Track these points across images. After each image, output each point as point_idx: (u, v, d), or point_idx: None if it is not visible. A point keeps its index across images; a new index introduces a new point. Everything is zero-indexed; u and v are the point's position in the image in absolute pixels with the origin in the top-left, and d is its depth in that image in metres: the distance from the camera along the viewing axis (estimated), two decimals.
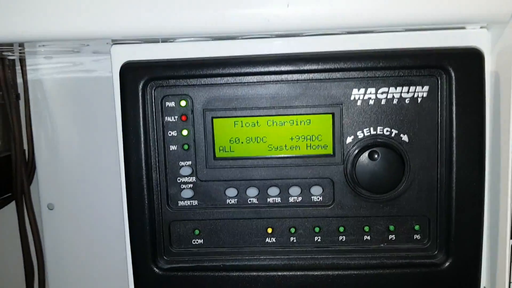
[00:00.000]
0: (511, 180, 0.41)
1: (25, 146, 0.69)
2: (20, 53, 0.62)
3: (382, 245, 0.44)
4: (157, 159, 0.43)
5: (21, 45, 0.52)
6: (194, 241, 0.45)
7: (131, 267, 0.45)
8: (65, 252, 0.71)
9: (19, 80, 0.67)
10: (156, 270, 0.44)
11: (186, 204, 0.44)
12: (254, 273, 0.44)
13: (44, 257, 0.70)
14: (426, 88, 0.41)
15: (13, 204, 0.69)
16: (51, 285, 0.71)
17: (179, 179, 0.44)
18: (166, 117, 0.43)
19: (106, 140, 0.68)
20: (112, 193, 0.68)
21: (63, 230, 0.71)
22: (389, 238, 0.44)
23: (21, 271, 0.70)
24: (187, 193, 0.44)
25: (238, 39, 0.44)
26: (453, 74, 0.40)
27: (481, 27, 0.42)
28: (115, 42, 0.45)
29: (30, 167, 0.70)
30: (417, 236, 0.44)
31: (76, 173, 0.69)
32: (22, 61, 0.67)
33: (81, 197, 0.70)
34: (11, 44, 0.51)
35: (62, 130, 0.69)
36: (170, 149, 0.43)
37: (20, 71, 0.66)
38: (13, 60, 0.66)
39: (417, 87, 0.41)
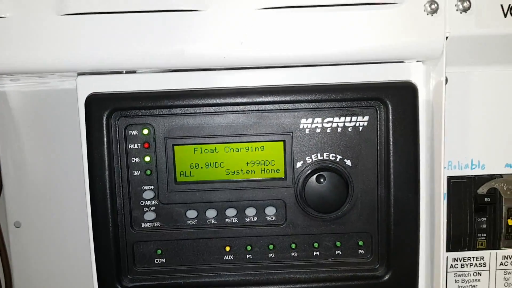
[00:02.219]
0: (443, 198, 0.45)
1: None
2: None
3: (330, 260, 0.47)
4: (121, 184, 0.46)
5: None
6: (156, 260, 0.47)
7: (97, 285, 0.47)
8: (32, 268, 0.71)
9: None
10: None
11: (148, 226, 0.47)
12: None
13: (12, 274, 0.71)
14: (366, 118, 0.45)
15: None
16: None
17: (142, 203, 0.46)
18: (129, 145, 0.46)
19: (73, 158, 0.69)
20: (79, 211, 0.69)
21: (29, 248, 0.71)
22: (336, 253, 0.47)
23: None
24: (149, 215, 0.47)
25: (196, 71, 0.47)
26: (389, 106, 0.44)
27: (417, 61, 0.47)
28: (80, 73, 0.47)
29: None
30: (361, 251, 0.47)
31: (43, 191, 0.70)
32: None
33: (48, 215, 0.70)
34: None
35: (28, 148, 0.70)
36: (134, 175, 0.46)
37: None
38: None
39: (359, 117, 0.45)
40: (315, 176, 0.45)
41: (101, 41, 0.43)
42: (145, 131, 0.46)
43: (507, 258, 0.50)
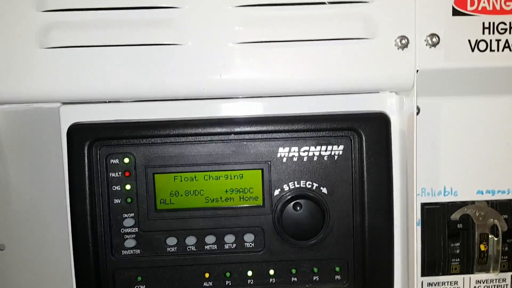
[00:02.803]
0: (416, 224, 0.47)
1: None
2: None
3: (308, 285, 0.48)
4: (102, 211, 0.47)
5: None
6: (137, 287, 0.48)
7: None
8: None
9: None
10: None
11: (129, 253, 0.47)
12: None
13: None
14: (341, 147, 0.47)
15: None
16: None
17: (122, 230, 0.47)
18: (110, 173, 0.47)
19: (56, 181, 0.69)
20: (62, 235, 0.69)
21: (13, 271, 0.71)
22: (314, 279, 0.48)
23: None
24: (130, 242, 0.47)
25: (177, 100, 0.48)
26: (363, 136, 0.46)
27: (390, 92, 0.48)
28: (64, 102, 0.48)
29: None
30: (338, 277, 0.48)
31: (27, 214, 0.70)
32: None
33: (31, 239, 0.70)
34: None
35: (12, 170, 0.70)
36: (114, 202, 0.47)
37: None
38: None
39: (334, 146, 0.47)
40: (292, 203, 0.46)
41: (83, 73, 0.44)
42: (126, 160, 0.47)
43: (480, 283, 0.51)
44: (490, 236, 0.50)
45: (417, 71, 0.45)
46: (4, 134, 0.68)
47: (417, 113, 0.48)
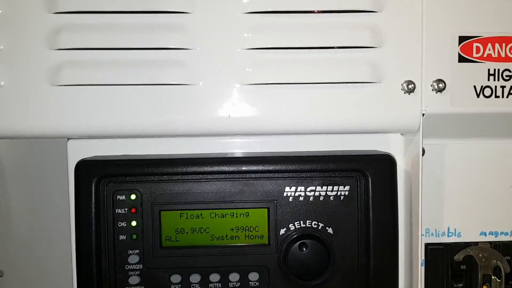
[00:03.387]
0: (421, 265, 0.47)
1: None
2: None
3: None
4: (107, 247, 0.46)
5: None
6: None
7: None
8: None
9: None
10: None
11: None
12: None
13: None
14: (347, 187, 0.47)
15: None
16: None
17: (127, 267, 0.47)
18: (116, 209, 0.47)
19: (58, 210, 0.69)
20: (63, 264, 0.69)
21: None
22: None
23: None
24: (134, 279, 0.47)
25: (185, 137, 0.49)
26: (369, 177, 0.46)
27: (396, 133, 0.49)
28: (71, 138, 0.48)
29: None
30: None
31: (27, 241, 0.70)
32: None
33: (31, 266, 0.70)
34: None
35: (13, 197, 0.70)
36: (120, 239, 0.47)
37: None
38: None
39: (340, 186, 0.47)
40: (298, 243, 0.47)
41: (92, 111, 0.45)
42: (133, 197, 0.47)
43: None
44: (493, 277, 0.50)
45: (423, 114, 0.46)
46: (7, 162, 0.69)
47: (422, 154, 0.48)
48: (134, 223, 0.47)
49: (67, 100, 0.44)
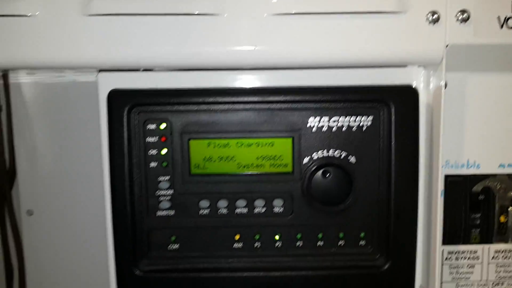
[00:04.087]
0: (440, 196, 0.48)
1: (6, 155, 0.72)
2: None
3: (333, 250, 0.50)
4: (139, 174, 0.49)
5: None
6: (170, 247, 0.50)
7: (113, 270, 0.50)
8: (44, 255, 0.74)
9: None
10: (137, 272, 0.49)
11: (164, 214, 0.50)
12: (223, 274, 0.49)
13: (24, 260, 0.73)
14: (370, 118, 0.49)
15: None
16: (29, 287, 0.75)
17: (158, 192, 0.49)
18: (147, 138, 0.49)
19: (85, 147, 0.71)
20: (91, 199, 0.71)
21: (42, 235, 0.74)
22: (339, 244, 0.50)
23: (2, 272, 0.73)
24: (165, 204, 0.50)
25: (212, 70, 0.50)
26: (392, 108, 0.47)
27: (418, 66, 0.50)
28: (101, 70, 0.50)
29: (11, 174, 0.73)
30: (362, 242, 0.50)
31: (56, 179, 0.72)
32: (5, 75, 0.70)
33: (60, 204, 0.73)
34: None
35: (41, 138, 0.72)
36: (150, 166, 0.49)
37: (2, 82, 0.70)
38: None
39: (363, 117, 0.48)
40: (321, 171, 0.48)
41: (123, 41, 0.46)
42: (163, 126, 0.49)
43: (498, 253, 0.53)
44: (510, 208, 0.51)
45: (447, 46, 0.46)
46: (33, 103, 0.71)
47: (444, 88, 0.49)
48: (164, 151, 0.49)
49: (99, 30, 0.46)
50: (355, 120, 0.48)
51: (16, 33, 0.46)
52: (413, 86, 0.48)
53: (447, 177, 0.51)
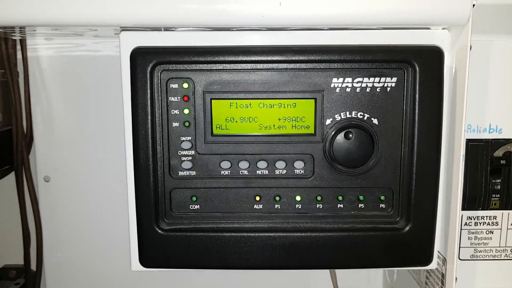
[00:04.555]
0: (462, 160, 0.48)
1: (24, 121, 0.72)
2: (21, 34, 0.65)
3: (353, 212, 0.51)
4: (161, 134, 0.49)
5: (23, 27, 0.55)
6: (191, 207, 0.51)
7: (135, 229, 0.51)
8: (61, 221, 0.75)
9: (19, 57, 0.71)
10: (159, 230, 0.50)
11: (185, 174, 0.50)
12: (244, 234, 0.50)
13: (41, 226, 0.74)
14: (394, 79, 0.48)
15: (12, 176, 0.73)
16: (46, 252, 0.76)
17: (180, 152, 0.50)
18: (170, 97, 0.49)
19: (100, 115, 0.72)
20: (108, 163, 0.72)
21: (58, 201, 0.74)
22: (359, 206, 0.51)
23: (20, 236, 0.74)
24: (186, 164, 0.50)
25: (234, 30, 0.49)
26: (417, 68, 0.47)
27: (443, 28, 0.49)
28: (124, 28, 0.50)
29: (28, 140, 0.73)
30: (383, 205, 0.51)
31: (72, 147, 0.73)
32: (23, 41, 0.70)
33: (76, 170, 0.74)
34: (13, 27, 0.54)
35: (58, 105, 0.72)
36: (173, 126, 0.49)
37: (19, 49, 0.70)
38: (15, 39, 0.70)
39: (387, 78, 0.48)
40: (343, 133, 0.48)
41: None
42: (185, 85, 0.48)
43: None
44: None
45: (473, 5, 0.45)
46: (50, 71, 0.71)
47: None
48: (186, 111, 0.49)
49: None
50: (379, 81, 0.48)
51: None
52: (439, 46, 0.47)
53: (468, 142, 0.51)
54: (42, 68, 0.72)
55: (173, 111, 0.49)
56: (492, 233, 0.53)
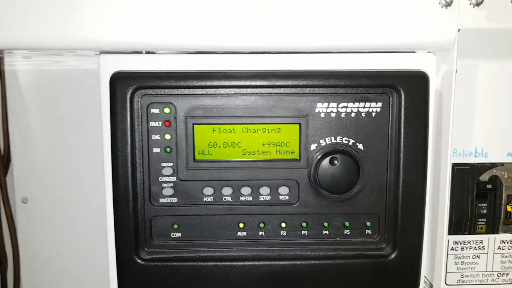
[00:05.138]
0: (448, 184, 0.48)
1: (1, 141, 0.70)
2: None
3: (339, 238, 0.50)
4: (141, 160, 0.47)
5: None
6: (173, 235, 0.49)
7: (114, 258, 0.49)
8: (39, 244, 0.72)
9: None
10: (138, 260, 0.48)
11: (166, 201, 0.48)
12: (227, 263, 0.48)
13: (18, 248, 0.72)
14: (379, 104, 0.48)
15: None
16: (23, 276, 0.73)
17: (161, 179, 0.48)
18: (151, 123, 0.47)
19: (81, 135, 0.69)
20: (87, 187, 0.70)
21: (36, 223, 0.72)
22: (345, 232, 0.50)
23: None
24: (168, 191, 0.48)
25: (218, 53, 0.48)
26: (402, 93, 0.46)
27: (428, 52, 0.49)
28: (103, 51, 0.48)
29: (5, 161, 0.71)
30: (369, 231, 0.50)
31: (51, 167, 0.71)
32: (0, 59, 0.68)
33: (55, 192, 0.71)
34: None
35: (36, 125, 0.70)
36: (154, 151, 0.48)
37: None
38: None
39: (372, 103, 0.47)
40: (328, 158, 0.47)
41: (124, 21, 0.44)
42: (167, 110, 0.47)
43: (504, 243, 0.52)
44: None
45: (459, 30, 0.45)
46: (28, 89, 0.69)
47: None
48: (168, 136, 0.48)
49: (99, 10, 0.44)
50: (364, 106, 0.47)
51: (14, 12, 0.44)
52: (424, 71, 0.47)
53: (454, 166, 0.51)
54: (20, 86, 0.70)
55: (154, 137, 0.47)
56: (479, 257, 0.53)
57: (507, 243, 0.52)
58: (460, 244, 0.52)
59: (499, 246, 0.52)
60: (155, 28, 0.45)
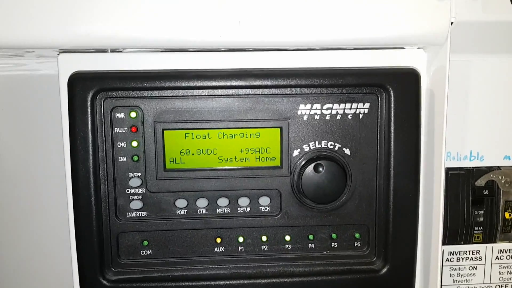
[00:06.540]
0: (442, 190, 0.44)
1: None
2: None
3: (325, 252, 0.46)
4: (105, 170, 0.43)
5: None
6: (142, 252, 0.45)
7: (78, 279, 0.44)
8: (4, 261, 0.68)
9: None
10: (104, 282, 0.44)
11: (134, 216, 0.44)
12: (203, 283, 0.45)
13: None
14: (367, 105, 0.44)
15: None
16: None
17: (128, 191, 0.44)
18: (115, 128, 0.43)
19: (50, 142, 0.65)
20: (56, 198, 0.66)
21: (3, 236, 0.68)
22: (332, 245, 0.46)
23: None
24: (136, 204, 0.44)
25: (189, 51, 0.44)
26: (391, 93, 0.43)
27: (418, 48, 0.45)
28: (63, 50, 0.44)
29: None
30: (358, 244, 0.46)
31: (17, 178, 0.67)
32: None
33: (22, 203, 0.67)
34: None
35: (2, 131, 0.66)
36: (119, 161, 0.43)
37: None
38: None
39: (359, 104, 0.44)
40: (312, 165, 0.43)
41: (85, 17, 0.40)
42: (133, 114, 0.43)
43: (503, 252, 0.49)
44: None
45: (452, 23, 0.42)
46: None
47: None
48: (135, 144, 0.43)
49: (60, 4, 0.39)
50: (350, 108, 0.44)
51: None
52: (415, 68, 0.44)
53: (447, 171, 0.48)
54: None
55: (119, 144, 0.43)
56: (476, 268, 0.49)
57: (506, 252, 0.49)
58: (456, 254, 0.49)
59: (497, 256, 0.49)
60: (121, 23, 0.40)
